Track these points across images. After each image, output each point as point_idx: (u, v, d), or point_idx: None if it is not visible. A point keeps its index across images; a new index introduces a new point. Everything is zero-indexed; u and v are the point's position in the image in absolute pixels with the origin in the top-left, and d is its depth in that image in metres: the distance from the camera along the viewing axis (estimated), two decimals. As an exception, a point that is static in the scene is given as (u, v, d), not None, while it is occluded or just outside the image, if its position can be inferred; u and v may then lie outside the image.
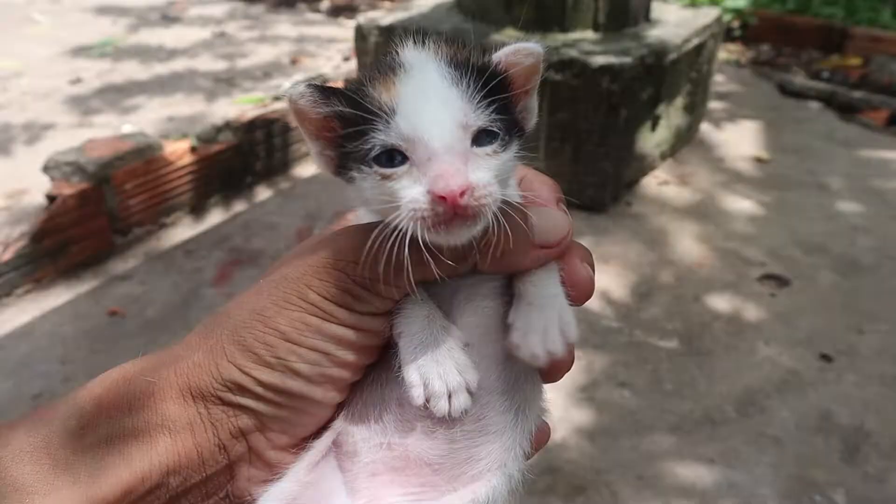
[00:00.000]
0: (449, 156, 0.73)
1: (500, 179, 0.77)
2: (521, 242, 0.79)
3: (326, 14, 7.64)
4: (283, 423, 0.82)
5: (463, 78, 0.77)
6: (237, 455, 0.81)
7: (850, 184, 4.40)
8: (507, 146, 0.78)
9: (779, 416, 2.74)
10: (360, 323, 0.80)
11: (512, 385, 0.86)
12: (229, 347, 0.79)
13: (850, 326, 3.20)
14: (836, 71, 6.08)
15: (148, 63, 6.19)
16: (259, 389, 0.78)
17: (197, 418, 0.79)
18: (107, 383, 0.82)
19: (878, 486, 2.46)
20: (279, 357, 0.78)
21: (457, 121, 0.75)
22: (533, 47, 0.81)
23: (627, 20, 4.14)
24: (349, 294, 0.79)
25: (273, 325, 0.78)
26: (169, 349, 0.85)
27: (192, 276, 3.56)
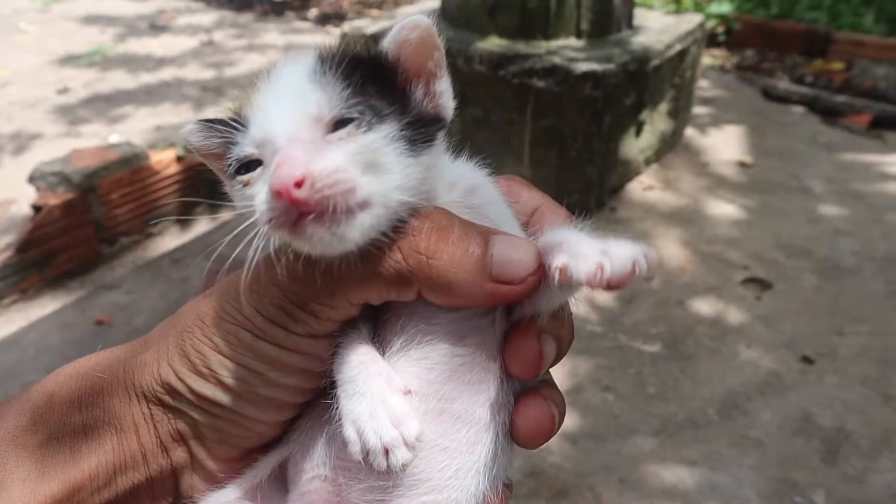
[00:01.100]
0: (291, 146, 0.64)
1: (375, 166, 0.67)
2: (472, 272, 0.68)
3: (314, 22, 7.67)
4: (220, 434, 0.78)
5: (329, 72, 0.69)
6: (179, 460, 0.79)
7: (832, 187, 4.45)
8: (373, 127, 0.67)
9: (760, 418, 2.77)
10: (298, 345, 0.73)
11: (464, 441, 0.76)
12: (172, 350, 0.77)
13: (832, 329, 3.23)
14: (820, 75, 6.13)
15: (136, 72, 6.20)
16: (192, 397, 0.75)
17: (141, 417, 0.77)
18: (60, 379, 0.80)
19: (857, 486, 2.49)
20: (211, 369, 0.74)
21: (307, 113, 0.67)
22: (416, 19, 0.71)
23: (610, 27, 4.18)
24: (284, 312, 0.71)
25: (209, 334, 0.75)
26: (129, 343, 0.83)
27: (179, 285, 3.57)
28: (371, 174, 0.66)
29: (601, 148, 3.81)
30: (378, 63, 0.73)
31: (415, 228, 0.69)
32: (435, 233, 0.69)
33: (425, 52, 0.73)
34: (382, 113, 0.69)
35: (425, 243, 0.69)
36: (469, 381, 0.76)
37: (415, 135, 0.70)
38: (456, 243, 0.69)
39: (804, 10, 6.88)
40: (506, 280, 0.69)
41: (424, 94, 0.75)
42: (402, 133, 0.69)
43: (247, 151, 0.70)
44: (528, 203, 0.83)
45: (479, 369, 0.76)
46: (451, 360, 0.75)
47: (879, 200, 4.29)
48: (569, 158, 3.83)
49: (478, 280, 0.68)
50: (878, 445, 2.65)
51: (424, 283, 0.69)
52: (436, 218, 0.71)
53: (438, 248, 0.68)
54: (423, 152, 0.71)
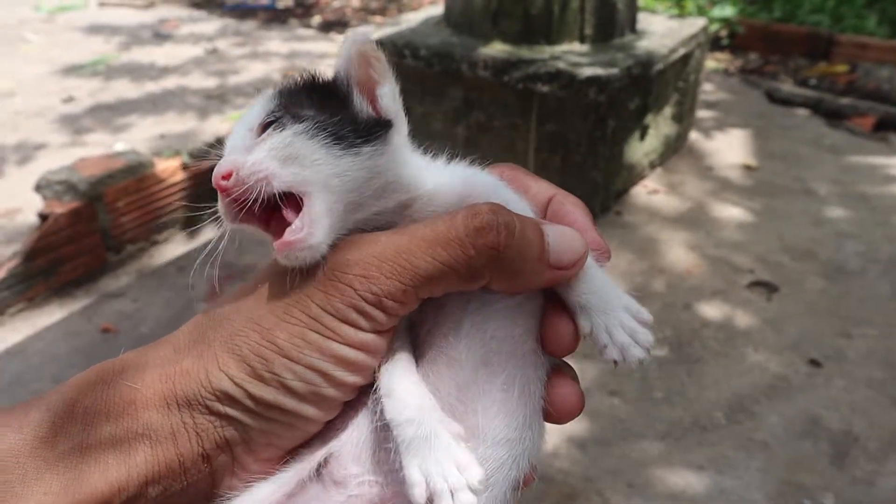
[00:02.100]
0: (228, 153, 0.77)
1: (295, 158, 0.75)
2: (536, 262, 0.75)
3: (318, 29, 7.69)
4: (271, 437, 0.77)
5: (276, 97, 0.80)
6: (220, 465, 0.77)
7: (837, 190, 4.44)
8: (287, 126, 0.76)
9: (768, 421, 2.76)
10: (365, 342, 0.74)
11: (516, 430, 0.82)
12: (222, 356, 0.74)
13: (838, 331, 3.23)
14: (823, 78, 6.14)
15: (140, 81, 6.22)
16: (249, 403, 0.74)
17: (181, 427, 0.74)
18: (83, 386, 0.77)
19: (866, 489, 2.48)
20: (274, 373, 0.73)
21: (244, 126, 0.79)
22: (353, 34, 0.78)
23: (614, 31, 4.19)
24: (355, 310, 0.73)
25: (271, 337, 0.73)
26: (153, 348, 0.80)
27: (185, 292, 3.58)
28: (294, 166, 0.74)
29: (606, 152, 3.81)
30: (328, 83, 0.81)
31: (487, 224, 0.73)
32: (504, 229, 0.73)
33: (366, 63, 0.79)
34: (300, 116, 0.77)
35: (496, 239, 0.73)
36: (514, 369, 0.82)
37: (345, 131, 0.77)
38: (520, 236, 0.74)
39: (807, 12, 6.89)
40: (561, 266, 0.77)
41: (365, 99, 0.81)
42: (328, 130, 0.76)
43: None
44: (541, 193, 0.87)
45: (521, 354, 0.82)
46: (498, 348, 0.82)
47: (884, 202, 4.29)
48: (573, 163, 3.83)
49: (539, 267, 0.76)
50: (885, 448, 2.64)
51: (494, 274, 0.75)
52: (498, 213, 0.75)
53: (507, 243, 0.73)
54: (362, 146, 0.77)
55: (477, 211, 0.74)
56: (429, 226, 0.74)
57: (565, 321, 0.81)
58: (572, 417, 0.85)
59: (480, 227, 0.73)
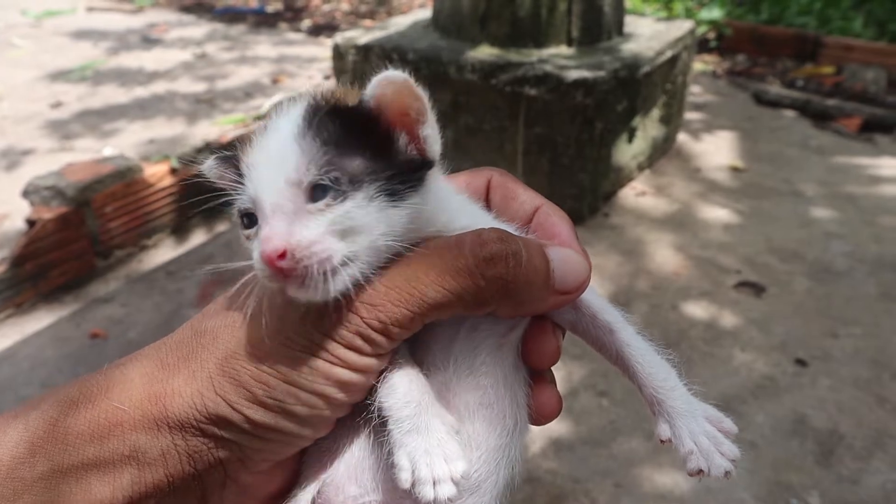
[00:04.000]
0: (275, 218, 0.71)
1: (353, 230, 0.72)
2: (541, 289, 0.76)
3: (307, 33, 7.70)
4: (265, 454, 0.77)
5: (311, 128, 0.74)
6: (212, 482, 0.76)
7: (824, 190, 4.47)
8: (349, 196, 0.72)
9: (755, 421, 2.77)
10: (367, 366, 0.74)
11: (506, 436, 0.84)
12: (219, 379, 0.72)
13: (825, 331, 3.25)
14: (810, 79, 6.18)
15: (128, 86, 6.21)
16: (247, 426, 0.73)
17: (172, 449, 0.73)
18: (64, 404, 0.75)
19: (851, 487, 2.50)
20: (275, 398, 0.72)
21: (287, 178, 0.72)
22: (390, 75, 0.73)
23: (601, 34, 4.21)
24: (360, 337, 0.72)
25: (272, 364, 0.72)
26: (137, 362, 0.77)
27: (174, 297, 3.57)
28: (350, 237, 0.72)
29: (593, 154, 3.83)
30: (361, 114, 0.76)
31: (496, 254, 0.73)
32: (512, 259, 0.73)
33: (403, 103, 0.75)
34: (358, 176, 0.73)
35: (505, 270, 0.73)
36: (506, 384, 0.83)
37: (399, 185, 0.74)
38: (527, 264, 0.74)
39: (794, 15, 6.94)
40: (565, 290, 0.78)
41: (408, 141, 0.78)
42: (384, 187, 0.73)
43: (245, 204, 0.76)
44: (528, 203, 0.87)
45: (511, 370, 0.84)
46: (492, 366, 0.83)
47: (870, 203, 4.32)
48: (561, 165, 3.85)
49: (545, 294, 0.77)
50: (871, 447, 2.66)
51: (501, 302, 0.75)
52: (506, 241, 0.74)
53: (516, 273, 0.73)
54: (409, 197, 0.75)
55: (485, 239, 0.73)
56: (436, 253, 0.74)
57: (550, 338, 0.83)
58: (552, 420, 0.87)
59: (490, 257, 0.73)
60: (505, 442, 0.83)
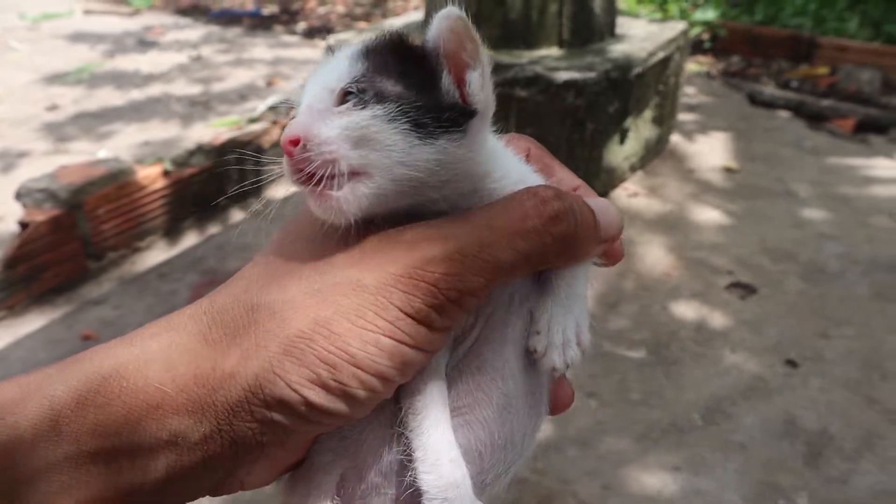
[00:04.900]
0: (304, 112, 0.73)
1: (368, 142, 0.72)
2: (591, 239, 0.77)
3: (302, 36, 7.71)
4: (307, 435, 0.74)
5: (364, 54, 0.75)
6: (246, 460, 0.71)
7: (817, 191, 4.47)
8: (368, 106, 0.72)
9: (745, 422, 2.77)
10: (431, 342, 0.70)
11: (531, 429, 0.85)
12: (280, 358, 0.67)
13: (816, 332, 3.25)
14: (805, 80, 6.18)
15: (124, 88, 6.22)
16: (303, 409, 0.67)
17: (216, 434, 0.67)
18: (94, 380, 0.68)
19: (840, 487, 2.50)
20: (339, 381, 0.67)
21: (325, 85, 0.74)
22: (447, 10, 0.74)
23: (592, 36, 4.21)
24: (435, 310, 0.69)
25: (342, 344, 0.67)
26: (175, 334, 0.71)
27: (167, 299, 3.57)
28: (365, 149, 0.71)
29: (584, 155, 3.83)
30: (416, 52, 0.77)
31: (559, 212, 0.73)
32: (573, 215, 0.74)
33: (458, 42, 0.75)
34: (385, 94, 0.73)
35: (569, 227, 0.74)
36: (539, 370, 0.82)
37: (430, 120, 0.73)
38: (581, 218, 0.75)
39: (789, 15, 6.94)
40: (608, 238, 0.79)
41: (454, 83, 0.77)
42: (411, 116, 0.72)
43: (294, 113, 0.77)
44: (565, 181, 0.87)
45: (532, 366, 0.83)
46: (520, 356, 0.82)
47: (864, 204, 4.32)
48: (553, 167, 3.84)
49: (593, 244, 0.78)
50: (860, 447, 2.66)
51: (559, 257, 0.76)
52: (563, 198, 0.74)
53: (576, 228, 0.74)
54: (441, 136, 0.74)
55: (544, 197, 0.73)
56: (501, 215, 0.72)
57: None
58: (566, 410, 0.88)
59: (554, 215, 0.72)
60: (527, 441, 0.83)
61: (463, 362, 0.79)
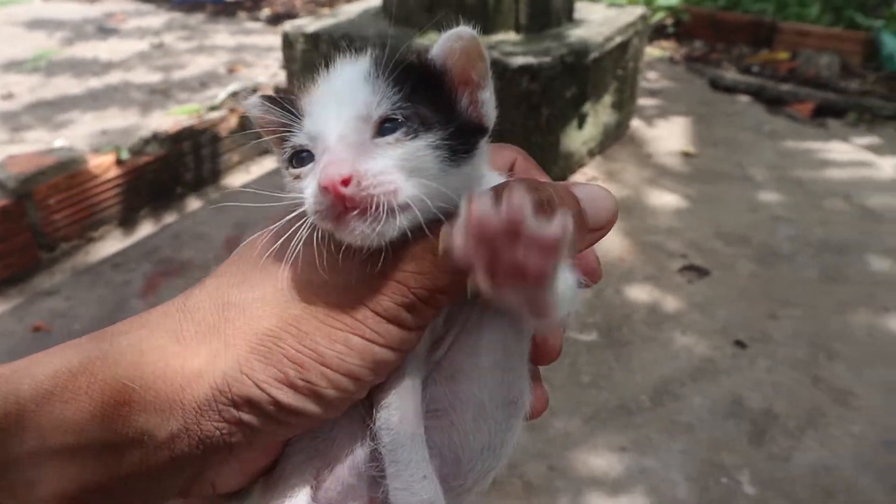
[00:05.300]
0: (340, 146, 0.68)
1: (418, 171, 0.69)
2: (577, 229, 0.72)
3: (266, 22, 7.63)
4: (277, 436, 0.73)
5: (380, 75, 0.72)
6: (214, 461, 0.70)
7: (774, 175, 4.52)
8: (420, 135, 0.70)
9: (692, 403, 2.81)
10: (403, 341, 0.69)
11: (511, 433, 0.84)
12: (247, 357, 0.66)
13: (766, 313, 3.29)
14: (766, 65, 6.23)
15: (82, 77, 6.12)
16: (271, 409, 0.66)
17: (183, 433, 0.66)
18: (61, 375, 0.66)
19: (782, 464, 2.54)
20: (308, 380, 0.66)
21: (356, 113, 0.70)
22: (460, 30, 0.73)
23: (549, 21, 4.21)
24: (405, 308, 0.68)
25: (310, 342, 0.66)
26: (146, 333, 0.70)
27: (120, 289, 3.54)
28: (415, 178, 0.69)
29: (540, 141, 3.84)
30: (426, 70, 0.75)
31: (534, 202, 0.69)
32: (546, 206, 0.71)
33: (469, 62, 0.75)
34: (429, 121, 0.71)
35: None
36: (517, 376, 0.82)
37: (457, 143, 0.72)
38: (561, 208, 0.72)
39: (751, 1, 6.98)
40: (599, 227, 0.76)
41: (469, 102, 0.76)
42: (446, 142, 0.71)
43: (301, 141, 0.73)
44: None
45: (523, 365, 0.83)
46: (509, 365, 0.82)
47: (818, 187, 4.37)
48: (509, 152, 3.85)
49: (581, 234, 0.75)
50: (803, 425, 2.70)
51: None
52: (538, 189, 0.71)
53: None
54: (463, 161, 0.73)
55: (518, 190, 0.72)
56: None
57: (557, 333, 0.85)
58: (541, 415, 0.88)
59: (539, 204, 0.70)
60: (506, 446, 0.84)
61: (437, 369, 0.79)
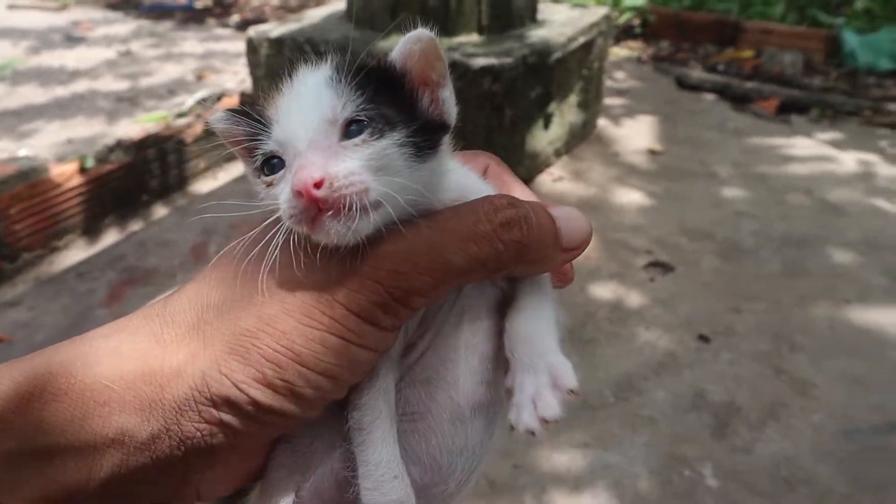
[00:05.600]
0: (310, 151, 0.70)
1: (385, 169, 0.72)
2: (552, 248, 0.76)
3: (235, 28, 7.60)
4: (259, 437, 0.73)
5: (342, 79, 0.75)
6: (198, 464, 0.70)
7: (738, 171, 4.57)
8: (385, 134, 0.72)
9: (655, 397, 2.83)
10: (378, 341, 0.71)
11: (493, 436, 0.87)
12: (225, 357, 0.67)
13: (729, 307, 3.32)
14: (731, 63, 6.30)
15: (48, 86, 6.07)
16: (250, 409, 0.67)
17: (163, 433, 0.66)
18: (40, 376, 0.66)
19: (744, 456, 2.57)
20: (285, 380, 0.67)
21: (322, 117, 0.72)
22: (419, 33, 0.76)
23: (512, 22, 4.23)
24: (380, 308, 0.69)
25: (286, 342, 0.67)
26: (128, 335, 0.70)
27: (84, 298, 3.51)
28: (384, 175, 0.71)
29: (504, 142, 3.86)
30: (387, 73, 0.78)
31: (511, 219, 0.73)
32: (524, 222, 0.73)
33: (428, 63, 0.78)
34: (392, 120, 0.73)
35: (520, 233, 0.73)
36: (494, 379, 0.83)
37: (421, 141, 0.74)
38: (538, 226, 0.74)
39: (716, 0, 7.05)
40: (572, 247, 0.78)
41: (430, 101, 0.79)
42: (410, 139, 0.73)
43: (271, 148, 0.75)
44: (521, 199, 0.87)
45: (494, 364, 0.83)
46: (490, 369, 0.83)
47: (781, 182, 4.43)
48: (474, 153, 3.86)
49: (555, 253, 0.77)
50: (765, 417, 2.73)
51: (517, 264, 0.75)
52: (517, 206, 0.74)
53: (529, 235, 0.73)
54: (429, 157, 0.75)
55: (497, 205, 0.73)
56: (452, 221, 0.72)
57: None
58: None
59: (506, 221, 0.72)
60: (487, 446, 0.86)
61: (411, 373, 0.80)
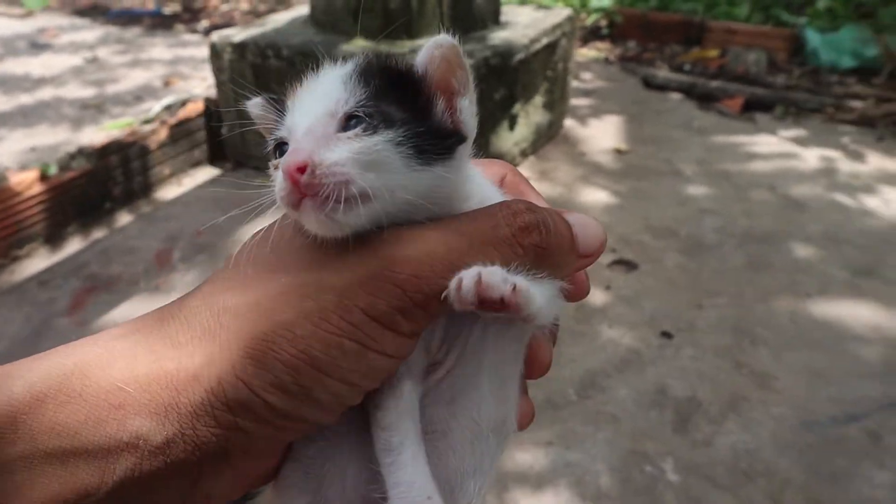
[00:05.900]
0: (304, 137, 0.71)
1: (377, 165, 0.71)
2: (568, 254, 0.76)
3: (204, 34, 7.56)
4: (273, 442, 0.72)
5: (358, 75, 0.76)
6: (210, 469, 0.69)
7: (702, 169, 4.61)
8: (379, 131, 0.72)
9: (618, 394, 2.85)
10: (398, 347, 0.69)
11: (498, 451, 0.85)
12: (241, 361, 0.66)
13: (692, 303, 3.35)
14: (697, 63, 6.36)
15: (12, 94, 6.00)
16: (265, 413, 0.66)
17: (178, 438, 0.65)
18: (55, 376, 0.66)
19: (704, 450, 2.59)
20: (302, 385, 0.66)
21: (325, 109, 0.73)
22: (441, 38, 0.76)
23: (474, 24, 4.25)
24: (400, 313, 0.67)
25: (304, 347, 0.66)
26: (140, 337, 0.70)
27: (45, 307, 3.47)
28: (373, 172, 0.70)
29: (468, 143, 3.86)
30: (408, 76, 0.78)
31: (530, 224, 0.73)
32: (543, 227, 0.73)
33: (450, 69, 0.77)
34: (392, 119, 0.73)
35: (539, 238, 0.73)
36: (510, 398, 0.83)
37: (427, 145, 0.73)
38: (555, 231, 0.75)
39: (682, 1, 7.12)
40: (588, 253, 0.79)
41: (446, 108, 0.78)
42: (412, 141, 0.73)
43: (282, 134, 0.77)
44: None
45: (517, 379, 0.85)
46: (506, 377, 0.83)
47: (744, 179, 4.48)
48: (438, 155, 3.87)
49: (571, 258, 0.77)
50: (725, 410, 2.76)
51: (535, 270, 0.74)
52: (535, 211, 0.74)
53: (547, 240, 0.73)
54: (437, 162, 0.74)
55: (516, 210, 0.73)
56: (471, 225, 0.72)
57: (546, 349, 0.87)
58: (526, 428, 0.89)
59: (524, 226, 0.72)
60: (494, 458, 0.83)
61: (436, 391, 0.79)
